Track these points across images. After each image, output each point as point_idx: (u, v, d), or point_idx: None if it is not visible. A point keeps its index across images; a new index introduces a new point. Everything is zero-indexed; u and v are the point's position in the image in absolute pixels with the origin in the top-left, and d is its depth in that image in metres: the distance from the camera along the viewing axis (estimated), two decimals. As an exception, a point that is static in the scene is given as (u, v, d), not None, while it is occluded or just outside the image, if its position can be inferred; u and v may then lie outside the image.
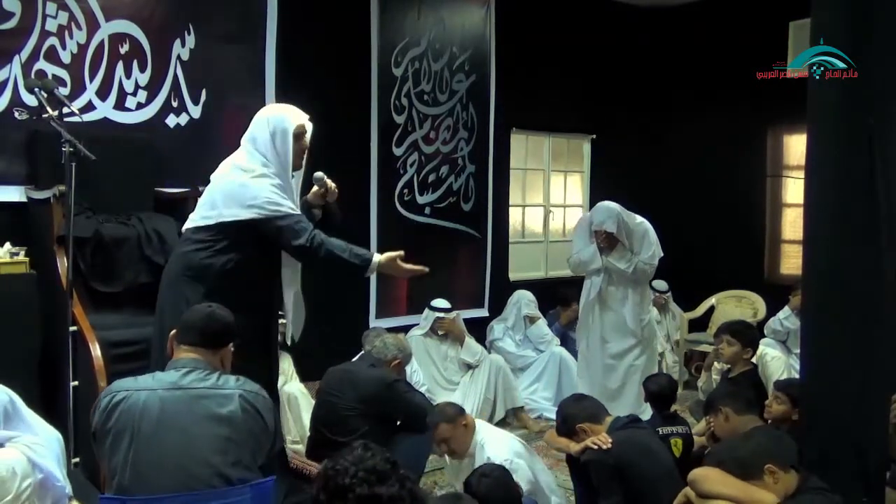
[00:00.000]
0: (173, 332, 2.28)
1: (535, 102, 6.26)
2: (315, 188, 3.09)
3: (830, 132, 2.55)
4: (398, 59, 5.35)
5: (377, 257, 2.81)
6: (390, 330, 4.34)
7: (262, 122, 2.90)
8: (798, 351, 3.95)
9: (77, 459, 3.12)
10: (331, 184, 3.08)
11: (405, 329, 5.04)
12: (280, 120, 2.87)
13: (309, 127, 2.93)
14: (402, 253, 2.87)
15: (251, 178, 2.79)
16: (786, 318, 4.79)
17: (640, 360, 4.52)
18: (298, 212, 2.85)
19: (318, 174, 3.05)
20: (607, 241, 4.45)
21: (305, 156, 2.95)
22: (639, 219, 4.53)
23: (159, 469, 1.99)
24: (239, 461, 2.05)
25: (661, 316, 5.82)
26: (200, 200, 2.91)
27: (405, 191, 5.48)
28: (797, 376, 3.45)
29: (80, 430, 3.06)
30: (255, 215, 2.74)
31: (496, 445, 3.10)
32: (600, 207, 4.51)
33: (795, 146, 6.33)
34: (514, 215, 6.39)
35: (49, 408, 2.99)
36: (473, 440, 3.15)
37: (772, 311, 5.29)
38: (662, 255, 4.52)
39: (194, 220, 2.86)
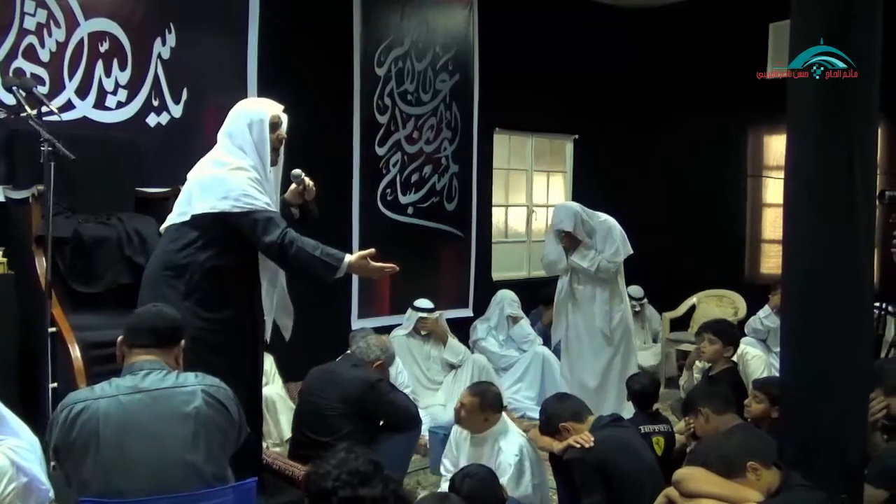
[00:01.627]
0: (120, 337, 2.22)
1: (518, 103, 6.27)
2: (293, 186, 3.07)
3: (810, 133, 2.58)
4: (381, 59, 5.34)
5: (348, 258, 2.77)
6: (373, 330, 4.33)
7: (237, 115, 2.89)
8: (778, 349, 4.00)
9: (56, 462, 3.09)
10: (309, 182, 3.05)
11: (388, 329, 5.04)
12: (255, 111, 2.87)
13: (284, 118, 2.92)
14: (373, 251, 2.82)
15: (228, 171, 2.76)
16: (766, 316, 4.83)
17: (616, 359, 4.54)
18: (274, 209, 2.81)
19: (296, 171, 3.03)
20: (568, 240, 4.51)
21: (282, 150, 2.93)
22: (602, 217, 4.57)
23: (130, 475, 1.95)
24: (210, 456, 2.03)
25: (636, 323, 5.79)
26: (178, 199, 2.89)
27: (388, 191, 5.47)
28: (777, 374, 3.48)
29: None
30: (228, 208, 2.70)
31: (511, 442, 3.13)
32: (559, 207, 4.62)
33: (776, 147, 6.38)
34: (497, 215, 6.41)
35: (28, 410, 2.95)
36: (493, 429, 3.19)
37: (752, 310, 5.34)
38: (631, 252, 4.55)
39: (172, 219, 2.84)
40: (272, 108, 2.89)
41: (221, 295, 2.74)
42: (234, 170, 2.76)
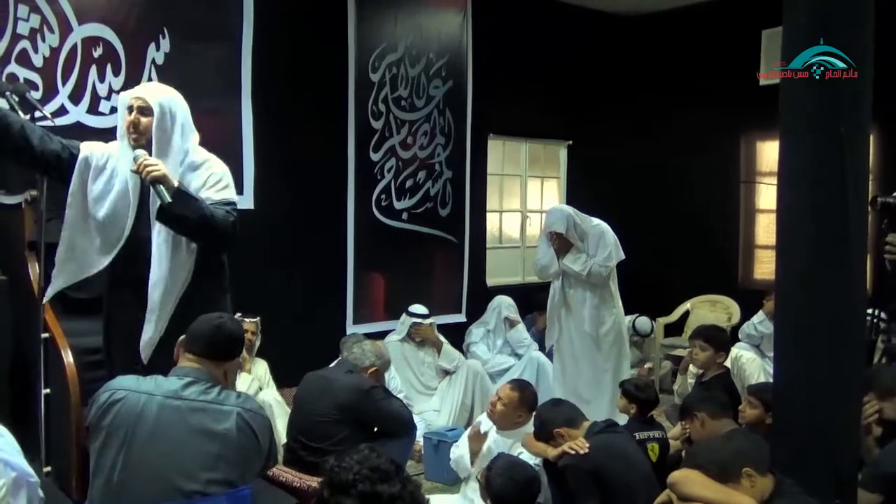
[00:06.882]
0: (182, 338, 2.27)
1: (512, 108, 6.28)
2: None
3: (802, 139, 2.58)
4: (375, 65, 5.35)
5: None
6: (368, 336, 4.33)
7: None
8: (772, 355, 4.01)
9: (49, 468, 3.07)
10: (142, 164, 2.74)
11: (382, 335, 5.03)
12: (121, 99, 2.85)
13: (136, 103, 2.80)
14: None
15: None
16: (760, 322, 4.83)
17: (608, 364, 4.52)
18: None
19: (136, 152, 2.79)
20: (559, 243, 4.49)
21: (136, 134, 2.79)
22: (595, 221, 4.56)
23: (145, 476, 2.00)
24: (226, 479, 2.05)
25: (632, 351, 5.62)
26: None
27: (383, 196, 5.47)
28: (772, 379, 3.49)
29: (53, 439, 3.02)
30: None
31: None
32: (551, 210, 4.61)
33: (769, 153, 6.41)
34: (492, 221, 6.41)
35: (21, 416, 2.95)
36: (520, 430, 3.25)
37: (746, 315, 5.35)
38: (623, 257, 4.52)
39: None
40: (130, 93, 2.85)
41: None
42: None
